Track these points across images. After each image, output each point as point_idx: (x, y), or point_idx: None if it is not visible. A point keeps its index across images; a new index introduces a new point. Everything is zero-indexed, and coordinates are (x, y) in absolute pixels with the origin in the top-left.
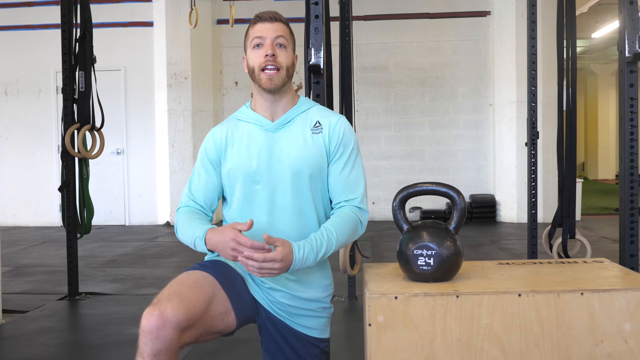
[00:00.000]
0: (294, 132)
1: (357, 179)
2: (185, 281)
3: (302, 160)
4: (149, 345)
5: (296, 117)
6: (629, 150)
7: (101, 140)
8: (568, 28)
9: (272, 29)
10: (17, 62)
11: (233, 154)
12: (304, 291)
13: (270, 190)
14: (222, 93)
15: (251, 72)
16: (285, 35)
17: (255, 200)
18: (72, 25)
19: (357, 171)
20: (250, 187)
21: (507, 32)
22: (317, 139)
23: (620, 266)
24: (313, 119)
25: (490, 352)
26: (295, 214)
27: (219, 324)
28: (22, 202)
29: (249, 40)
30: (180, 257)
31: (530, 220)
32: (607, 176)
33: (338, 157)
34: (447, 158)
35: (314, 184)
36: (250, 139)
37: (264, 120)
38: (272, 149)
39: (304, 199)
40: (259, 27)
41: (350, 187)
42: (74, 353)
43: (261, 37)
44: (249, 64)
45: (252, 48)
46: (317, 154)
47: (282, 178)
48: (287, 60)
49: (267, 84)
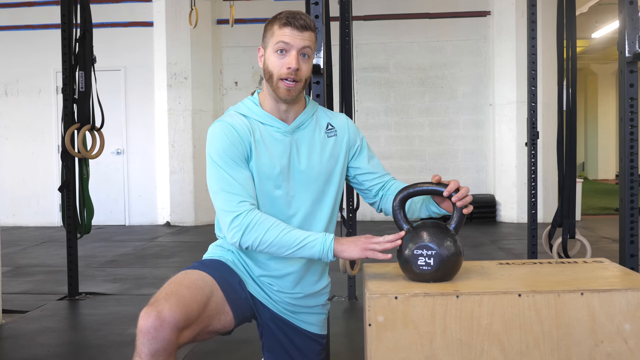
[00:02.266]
0: (309, 136)
1: (380, 163)
2: (182, 281)
3: (320, 165)
4: (147, 345)
5: (309, 120)
6: (629, 150)
7: (101, 140)
8: (568, 28)
9: (300, 38)
10: (17, 62)
11: (258, 154)
12: (310, 294)
13: (290, 195)
14: (222, 93)
15: (268, 76)
16: (312, 45)
17: (274, 205)
18: (72, 25)
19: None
20: (271, 191)
21: (507, 32)
22: (332, 142)
23: (620, 266)
24: (323, 121)
25: (490, 352)
26: (307, 219)
27: (216, 323)
28: (22, 202)
29: (273, 40)
30: (181, 257)
31: (530, 220)
32: (607, 176)
33: (360, 151)
34: (447, 158)
35: (330, 189)
36: (270, 142)
37: (279, 123)
38: (292, 153)
39: (321, 203)
40: (287, 32)
41: (382, 167)
42: (74, 353)
43: (287, 44)
44: (267, 66)
45: (274, 51)
46: (333, 158)
47: (301, 184)
48: (308, 71)
49: (284, 95)
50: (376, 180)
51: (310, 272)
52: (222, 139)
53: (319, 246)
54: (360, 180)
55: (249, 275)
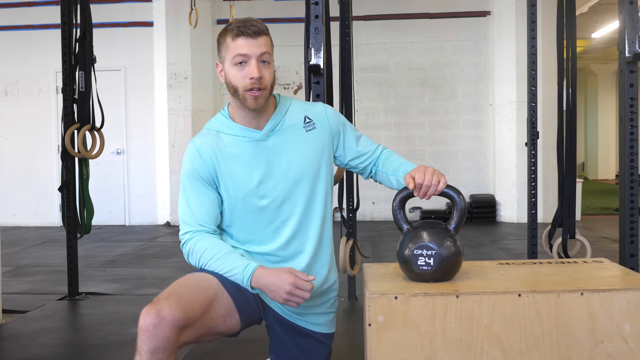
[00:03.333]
0: (286, 136)
1: (367, 138)
2: (186, 282)
3: (305, 163)
4: (146, 343)
5: (282, 120)
6: (629, 150)
7: (101, 140)
8: (568, 28)
9: (256, 45)
10: (17, 62)
11: (229, 173)
12: (317, 294)
13: (278, 201)
14: (222, 93)
15: (233, 90)
16: (268, 49)
17: (262, 214)
18: (72, 25)
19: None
20: (255, 203)
21: (507, 32)
22: (312, 135)
23: (620, 266)
24: (299, 116)
25: (490, 352)
26: (300, 219)
27: (221, 325)
28: (22, 202)
29: (229, 53)
30: (181, 257)
31: (530, 220)
32: (607, 176)
33: (345, 135)
34: (447, 158)
35: (319, 183)
36: (242, 154)
37: (251, 132)
38: (269, 158)
39: (311, 202)
40: (241, 42)
41: (370, 142)
42: (74, 353)
43: (245, 55)
44: (230, 80)
45: (233, 64)
46: (316, 153)
47: (288, 186)
48: (271, 77)
49: (252, 105)
50: (369, 160)
51: (318, 264)
52: (187, 162)
53: (239, 281)
54: (353, 165)
55: None
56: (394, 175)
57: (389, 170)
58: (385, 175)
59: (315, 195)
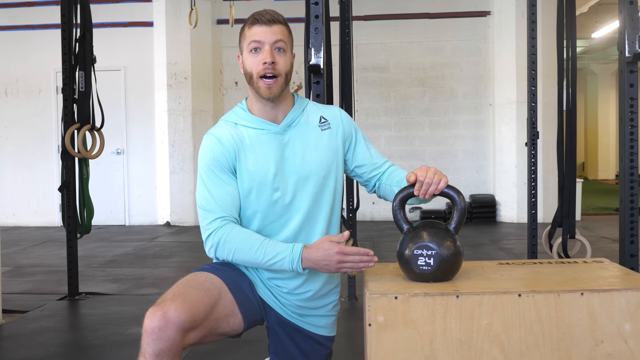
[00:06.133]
0: (303, 132)
1: (378, 151)
2: (190, 282)
3: (318, 160)
4: (151, 345)
5: (299, 116)
6: (629, 150)
7: (101, 140)
8: (568, 28)
9: (270, 33)
10: (17, 62)
11: (247, 162)
12: (319, 294)
13: (289, 195)
14: (222, 93)
15: (248, 77)
16: (284, 38)
17: (273, 207)
18: (72, 25)
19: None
20: (269, 194)
21: (507, 32)
22: (327, 135)
23: (620, 266)
24: (315, 115)
25: (490, 352)
26: (308, 217)
27: (225, 326)
28: (22, 202)
29: (246, 42)
30: (181, 257)
31: (530, 220)
32: (607, 176)
33: (357, 141)
34: (447, 158)
35: (329, 182)
36: (259, 145)
37: (268, 125)
38: (284, 153)
39: (320, 199)
40: (256, 30)
41: (380, 155)
42: (74, 353)
43: (259, 42)
44: (246, 68)
45: (249, 51)
46: (330, 152)
47: (299, 182)
48: (286, 65)
49: (266, 93)
50: (375, 172)
51: (325, 280)
52: (206, 152)
53: (287, 265)
54: (359, 172)
55: (258, 277)
56: (397, 186)
57: (393, 182)
58: (389, 188)
59: (322, 194)
